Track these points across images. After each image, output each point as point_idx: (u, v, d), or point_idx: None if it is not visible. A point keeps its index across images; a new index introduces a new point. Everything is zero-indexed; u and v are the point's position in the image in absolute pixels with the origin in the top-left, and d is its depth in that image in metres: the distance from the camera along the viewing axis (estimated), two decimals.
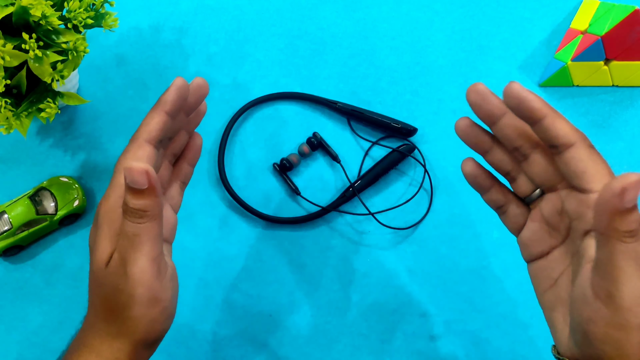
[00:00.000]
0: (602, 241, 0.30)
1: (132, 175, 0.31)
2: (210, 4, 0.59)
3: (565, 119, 0.32)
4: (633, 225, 0.28)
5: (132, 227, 0.32)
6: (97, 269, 0.34)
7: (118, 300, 0.33)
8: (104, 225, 0.34)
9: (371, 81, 0.58)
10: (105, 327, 0.34)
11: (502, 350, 0.53)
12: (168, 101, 0.36)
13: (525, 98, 0.32)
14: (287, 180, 0.54)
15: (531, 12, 0.60)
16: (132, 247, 0.33)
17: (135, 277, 0.33)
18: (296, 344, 0.52)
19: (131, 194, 0.32)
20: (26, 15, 0.40)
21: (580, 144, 0.32)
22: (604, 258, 0.30)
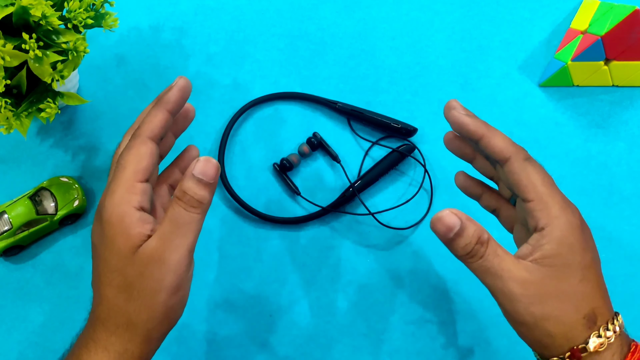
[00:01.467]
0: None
1: (208, 168, 0.34)
2: (210, 4, 0.59)
3: (501, 136, 0.36)
4: (467, 249, 0.33)
5: (185, 214, 0.34)
6: (120, 259, 0.34)
7: (142, 286, 0.33)
8: (118, 219, 0.34)
9: (371, 81, 0.58)
10: (116, 318, 0.34)
11: (502, 350, 0.53)
12: (171, 101, 0.37)
13: (463, 122, 0.37)
14: (287, 180, 0.54)
15: (531, 12, 0.60)
16: (179, 234, 0.34)
17: (172, 264, 0.33)
18: (296, 344, 0.52)
19: (197, 183, 0.34)
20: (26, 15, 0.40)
21: (514, 157, 0.36)
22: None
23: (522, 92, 0.58)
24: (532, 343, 0.35)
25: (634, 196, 0.55)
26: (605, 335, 0.33)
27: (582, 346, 0.33)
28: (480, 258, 0.34)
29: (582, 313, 0.33)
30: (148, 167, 0.36)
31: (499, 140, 0.36)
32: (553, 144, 0.57)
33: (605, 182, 0.56)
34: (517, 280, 0.33)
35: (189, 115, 0.43)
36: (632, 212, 0.55)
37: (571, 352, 0.33)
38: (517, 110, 0.57)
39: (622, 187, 0.56)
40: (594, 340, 0.32)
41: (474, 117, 0.38)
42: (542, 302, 0.33)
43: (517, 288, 0.33)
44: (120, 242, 0.34)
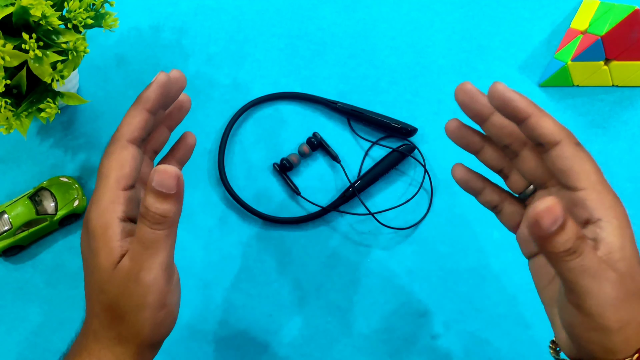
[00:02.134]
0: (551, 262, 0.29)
1: (163, 179, 0.30)
2: (210, 4, 0.59)
3: (551, 118, 0.33)
4: (567, 245, 0.28)
5: (150, 233, 0.31)
6: (102, 274, 0.33)
7: (125, 305, 0.32)
8: (101, 231, 0.33)
9: (371, 81, 0.58)
10: (107, 332, 0.33)
11: (502, 350, 0.53)
12: (150, 99, 0.35)
13: (510, 98, 0.32)
14: (287, 180, 0.54)
15: (531, 12, 0.60)
16: (148, 254, 0.32)
17: (148, 284, 0.32)
18: (296, 344, 0.52)
19: (155, 197, 0.31)
20: (26, 15, 0.39)
21: (565, 141, 0.32)
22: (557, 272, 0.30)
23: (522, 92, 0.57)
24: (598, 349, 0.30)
25: (634, 196, 0.55)
26: None
27: None
28: (580, 255, 0.28)
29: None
30: (131, 173, 0.34)
31: (549, 121, 0.32)
32: None
33: None
34: (610, 280, 0.29)
35: (183, 106, 0.40)
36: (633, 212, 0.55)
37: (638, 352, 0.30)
38: None
39: (622, 187, 0.56)
40: None
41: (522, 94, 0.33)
42: (626, 304, 0.29)
43: (611, 290, 0.29)
44: (102, 256, 0.33)
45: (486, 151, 0.37)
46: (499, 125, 0.35)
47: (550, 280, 0.34)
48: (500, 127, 0.35)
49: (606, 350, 0.30)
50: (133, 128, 0.35)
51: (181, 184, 0.31)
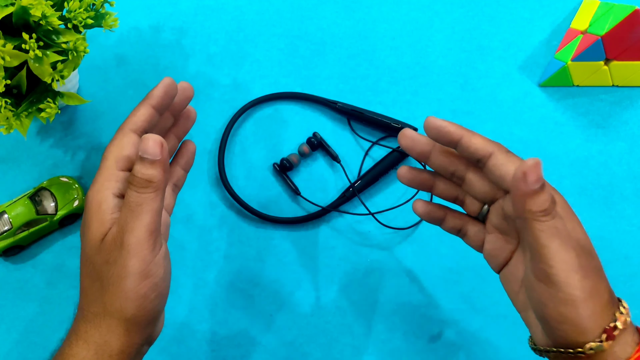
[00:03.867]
0: (524, 225, 0.33)
1: (147, 145, 0.33)
2: (210, 4, 0.59)
3: (479, 135, 0.36)
4: (545, 204, 0.32)
5: (136, 196, 0.33)
6: (90, 247, 0.34)
7: (110, 273, 0.33)
8: (96, 206, 0.35)
9: (371, 81, 0.58)
10: (93, 308, 0.34)
11: (502, 350, 0.53)
12: (154, 95, 0.38)
13: (440, 126, 0.36)
14: (287, 180, 0.54)
15: (531, 12, 0.60)
16: (133, 216, 0.33)
17: (131, 247, 0.33)
18: (296, 344, 0.52)
19: (141, 163, 0.33)
20: (26, 15, 0.40)
21: (497, 151, 0.35)
22: (530, 240, 0.33)
23: (522, 92, 0.58)
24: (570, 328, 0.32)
25: (634, 196, 0.55)
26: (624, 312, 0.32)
27: (613, 324, 0.32)
28: (554, 218, 0.32)
29: (609, 290, 0.33)
30: (130, 156, 0.36)
31: (479, 138, 0.36)
32: (553, 144, 0.57)
33: (605, 182, 0.56)
34: (574, 248, 0.32)
35: (190, 116, 0.43)
36: (632, 212, 0.55)
37: (606, 332, 0.31)
38: (517, 110, 0.57)
39: (622, 187, 0.56)
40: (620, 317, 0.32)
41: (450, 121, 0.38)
42: (589, 275, 0.32)
43: (575, 256, 0.32)
44: (93, 229, 0.34)
45: (438, 185, 0.41)
46: (440, 155, 0.39)
47: (520, 285, 0.36)
48: (441, 158, 0.39)
49: (576, 329, 0.32)
50: (136, 119, 0.37)
51: (165, 151, 0.34)
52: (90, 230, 0.34)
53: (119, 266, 0.33)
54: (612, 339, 0.32)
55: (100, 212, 0.34)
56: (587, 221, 0.54)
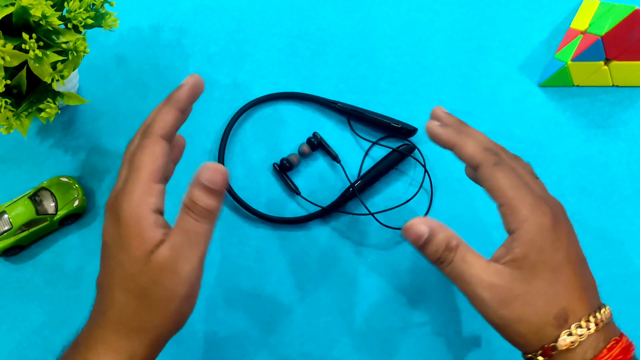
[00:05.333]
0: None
1: (214, 176, 0.33)
2: (210, 4, 0.59)
3: (472, 143, 0.38)
4: (436, 255, 0.36)
5: (194, 225, 0.33)
6: (133, 264, 0.33)
7: (156, 294, 0.33)
8: (135, 221, 0.33)
9: (371, 81, 0.58)
10: (129, 322, 0.34)
11: (502, 350, 0.53)
12: (182, 99, 0.37)
13: (434, 134, 0.40)
14: (287, 180, 0.54)
15: (531, 12, 0.60)
16: (190, 245, 0.33)
17: (185, 275, 0.33)
18: (296, 344, 0.52)
19: (204, 191, 0.33)
20: (26, 15, 0.40)
21: (484, 164, 0.37)
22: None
23: (522, 92, 0.58)
24: (509, 341, 0.36)
25: (634, 196, 0.55)
26: (577, 333, 0.33)
27: (552, 345, 0.33)
28: (450, 264, 0.35)
29: (552, 313, 0.33)
30: (162, 167, 0.36)
31: (469, 147, 0.37)
32: (553, 144, 0.57)
33: (605, 182, 0.56)
34: (484, 285, 0.34)
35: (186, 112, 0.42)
36: (633, 211, 0.55)
37: (543, 350, 0.34)
38: (517, 110, 0.57)
39: (622, 186, 0.56)
40: (563, 339, 0.33)
41: (447, 126, 0.40)
42: (509, 305, 0.34)
43: (485, 293, 0.34)
44: (135, 246, 0.33)
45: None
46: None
47: None
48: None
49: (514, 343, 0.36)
50: (165, 125, 0.36)
51: (227, 182, 0.34)
52: (131, 248, 0.33)
53: (168, 289, 0.33)
54: (549, 357, 0.34)
55: (140, 229, 0.33)
56: (587, 221, 0.55)
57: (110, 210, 0.35)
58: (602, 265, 0.53)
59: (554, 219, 0.35)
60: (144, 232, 0.33)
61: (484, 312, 0.35)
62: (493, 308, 0.34)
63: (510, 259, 0.35)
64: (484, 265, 0.35)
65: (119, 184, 0.36)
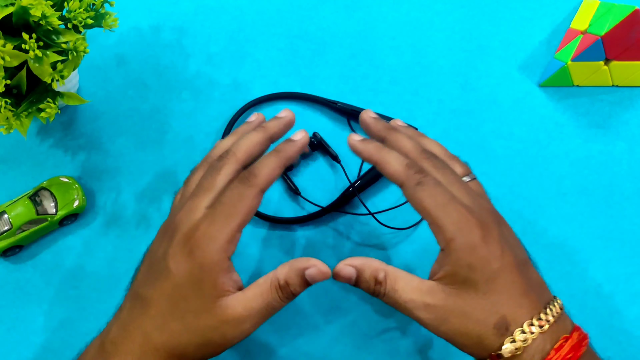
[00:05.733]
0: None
1: (318, 276, 0.36)
2: (210, 4, 0.59)
3: (394, 162, 0.37)
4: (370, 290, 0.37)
5: (279, 303, 0.36)
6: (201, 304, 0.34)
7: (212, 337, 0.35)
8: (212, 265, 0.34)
9: (371, 81, 0.58)
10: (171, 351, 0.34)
11: None
12: (290, 157, 0.39)
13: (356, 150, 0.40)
14: (287, 180, 0.54)
15: (531, 12, 0.60)
16: (266, 316, 0.36)
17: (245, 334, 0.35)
18: (296, 344, 0.52)
19: (301, 283, 0.36)
20: (26, 15, 0.40)
21: (406, 185, 0.37)
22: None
23: (522, 92, 0.58)
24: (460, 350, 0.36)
25: (635, 196, 0.55)
26: (519, 339, 0.33)
27: (497, 353, 0.33)
28: (384, 295, 0.37)
29: (491, 323, 0.34)
30: (249, 220, 0.36)
31: (389, 167, 0.37)
32: (553, 144, 0.57)
33: (605, 182, 0.56)
34: (420, 307, 0.35)
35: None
36: (633, 211, 0.55)
37: (490, 358, 0.34)
38: (517, 110, 0.57)
39: (623, 186, 0.56)
40: (507, 347, 0.33)
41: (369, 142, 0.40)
42: (446, 321, 0.35)
43: (422, 314, 0.35)
44: (207, 287, 0.34)
45: None
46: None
47: None
48: None
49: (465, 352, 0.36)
50: (271, 180, 0.37)
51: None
52: (203, 288, 0.34)
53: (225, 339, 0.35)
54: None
55: (216, 275, 0.34)
56: (587, 221, 0.55)
57: (186, 241, 0.35)
58: (602, 266, 0.53)
59: (482, 232, 0.35)
60: (218, 277, 0.34)
61: (427, 329, 0.36)
62: (433, 326, 0.35)
63: (442, 276, 0.35)
64: (417, 287, 0.36)
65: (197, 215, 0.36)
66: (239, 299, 0.35)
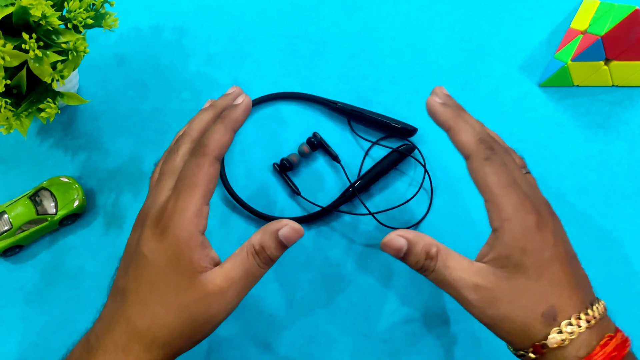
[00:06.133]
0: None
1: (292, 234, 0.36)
2: (210, 4, 0.59)
3: (467, 132, 0.37)
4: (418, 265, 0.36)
5: (257, 269, 0.36)
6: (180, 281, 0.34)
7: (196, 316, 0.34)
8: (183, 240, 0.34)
9: (371, 81, 0.58)
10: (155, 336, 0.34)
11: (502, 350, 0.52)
12: (239, 121, 0.38)
13: (433, 112, 0.38)
14: (287, 180, 0.54)
15: (531, 12, 0.60)
16: (247, 285, 0.36)
17: (230, 307, 0.35)
18: (296, 344, 0.52)
19: (276, 244, 0.36)
20: (26, 15, 0.40)
21: (474, 156, 0.36)
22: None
23: (522, 92, 0.58)
24: (501, 338, 0.36)
25: (635, 196, 0.55)
26: (567, 330, 0.33)
27: (543, 342, 0.33)
28: (432, 271, 0.36)
29: (539, 311, 0.33)
30: (213, 190, 0.36)
31: (463, 135, 0.37)
32: (553, 144, 0.57)
33: (605, 182, 0.56)
34: (469, 287, 0.35)
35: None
36: (633, 211, 0.55)
37: (534, 347, 0.34)
38: (517, 110, 0.57)
39: (623, 186, 0.56)
40: (553, 337, 0.33)
41: (448, 107, 0.39)
42: (495, 305, 0.34)
43: (470, 295, 0.35)
44: (183, 264, 0.34)
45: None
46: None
47: None
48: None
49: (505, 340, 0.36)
50: (222, 146, 0.37)
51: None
52: (180, 266, 0.34)
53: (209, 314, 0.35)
54: (541, 354, 0.33)
55: (190, 250, 0.34)
56: (587, 221, 0.55)
57: (156, 223, 0.35)
58: (602, 265, 0.53)
59: (538, 218, 0.35)
60: (193, 253, 0.34)
61: (472, 312, 0.35)
62: (479, 308, 0.35)
63: (493, 258, 0.35)
64: (467, 267, 0.35)
65: (161, 194, 0.36)
66: (218, 272, 0.35)
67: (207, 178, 0.35)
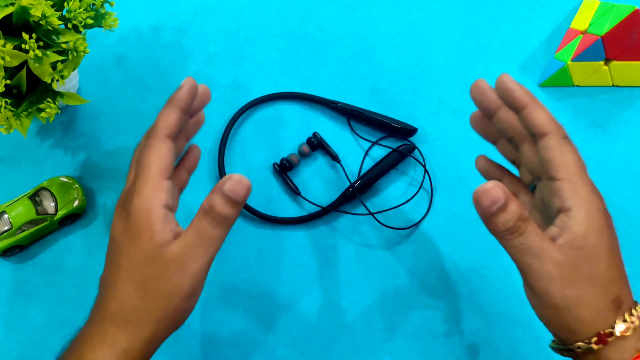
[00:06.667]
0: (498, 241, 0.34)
1: (237, 186, 0.34)
2: (210, 4, 0.59)
3: (544, 111, 0.36)
4: (508, 224, 0.32)
5: (209, 229, 0.34)
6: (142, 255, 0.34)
7: (161, 289, 0.34)
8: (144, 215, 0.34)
9: (371, 81, 0.58)
10: (129, 314, 0.34)
11: (502, 350, 0.53)
12: (182, 99, 0.37)
13: (510, 88, 0.36)
14: (287, 180, 0.54)
15: (531, 12, 0.60)
16: (201, 247, 0.34)
17: (191, 273, 0.34)
18: (296, 344, 0.52)
19: (224, 200, 0.34)
20: (26, 15, 0.40)
21: (553, 134, 0.35)
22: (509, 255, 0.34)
23: None
24: (558, 328, 0.34)
25: (634, 195, 0.55)
26: (630, 320, 0.32)
27: (609, 331, 0.32)
28: (521, 235, 0.32)
29: (610, 297, 0.33)
30: (170, 165, 0.36)
31: (541, 113, 0.35)
32: None
33: (605, 182, 0.55)
34: (554, 260, 0.32)
35: (200, 120, 0.44)
36: (633, 211, 0.55)
37: (598, 336, 0.32)
38: None
39: (623, 186, 0.56)
40: (619, 325, 0.32)
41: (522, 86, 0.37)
42: (575, 285, 0.32)
43: (554, 269, 0.32)
44: (144, 239, 0.34)
45: (501, 143, 0.41)
46: (503, 119, 0.38)
47: None
48: (504, 121, 0.38)
49: (566, 330, 0.33)
50: (169, 124, 0.37)
51: (248, 195, 0.35)
52: (141, 240, 0.34)
53: (172, 285, 0.34)
54: (604, 343, 0.32)
55: (150, 224, 0.34)
56: None
57: (120, 208, 0.36)
58: None
59: (604, 206, 0.34)
60: (153, 226, 0.34)
61: (546, 290, 0.33)
62: (559, 286, 0.32)
63: (569, 238, 0.33)
64: (551, 242, 0.33)
65: (128, 184, 0.37)
66: (176, 242, 0.34)
67: (159, 155, 0.36)
